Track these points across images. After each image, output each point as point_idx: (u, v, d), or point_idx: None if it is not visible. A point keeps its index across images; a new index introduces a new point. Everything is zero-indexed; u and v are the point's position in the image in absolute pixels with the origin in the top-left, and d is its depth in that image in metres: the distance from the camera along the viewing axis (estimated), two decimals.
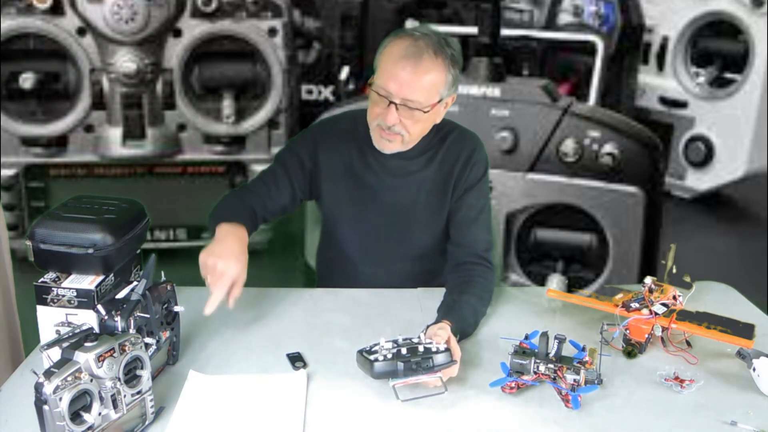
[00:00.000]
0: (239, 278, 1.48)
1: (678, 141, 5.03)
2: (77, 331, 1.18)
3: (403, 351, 1.28)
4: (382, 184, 1.73)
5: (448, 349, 1.31)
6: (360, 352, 1.32)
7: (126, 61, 3.63)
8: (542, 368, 1.30)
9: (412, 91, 1.54)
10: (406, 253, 1.78)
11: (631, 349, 1.46)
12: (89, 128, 3.74)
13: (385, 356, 1.27)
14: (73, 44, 3.60)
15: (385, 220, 1.75)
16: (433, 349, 1.29)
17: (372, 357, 1.28)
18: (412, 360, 1.27)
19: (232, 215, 1.61)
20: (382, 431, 1.24)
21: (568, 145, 3.17)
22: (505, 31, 3.80)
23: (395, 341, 1.31)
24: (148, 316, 1.29)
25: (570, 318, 1.61)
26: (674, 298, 1.54)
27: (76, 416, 1.07)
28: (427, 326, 1.42)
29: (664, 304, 1.49)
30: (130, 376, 1.16)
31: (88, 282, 1.30)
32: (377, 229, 1.75)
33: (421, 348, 1.29)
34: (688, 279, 1.70)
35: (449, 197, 1.73)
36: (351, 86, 4.64)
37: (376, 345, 1.31)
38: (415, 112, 1.57)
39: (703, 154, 4.91)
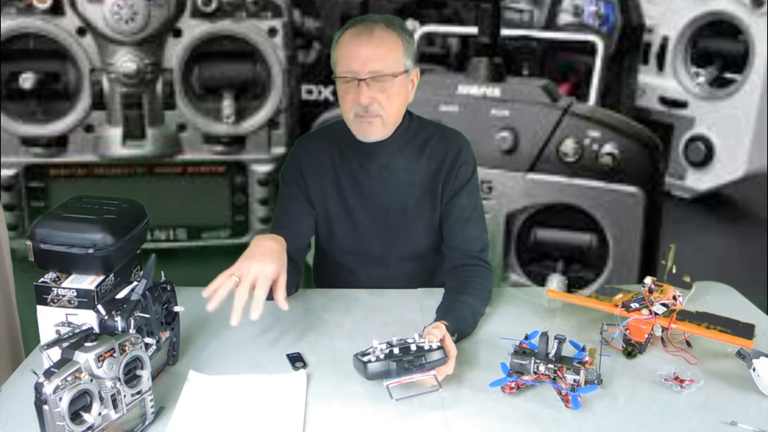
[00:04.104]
0: (279, 278, 1.43)
1: (678, 141, 5.03)
2: (77, 331, 1.18)
3: (396, 351, 1.29)
4: (369, 187, 1.72)
5: (441, 347, 1.31)
6: (355, 355, 1.32)
7: (126, 61, 3.64)
8: (542, 368, 1.30)
9: (375, 61, 1.57)
10: (402, 254, 1.78)
11: (631, 349, 1.46)
12: (89, 128, 3.75)
13: (377, 357, 1.28)
14: (73, 44, 3.61)
15: (378, 224, 1.74)
16: (426, 348, 1.30)
17: (365, 358, 1.28)
18: (405, 359, 1.27)
19: None
20: (382, 431, 1.24)
21: (568, 145, 3.17)
22: (505, 31, 3.80)
23: (389, 342, 1.31)
24: (148, 316, 1.29)
25: (570, 318, 1.61)
26: (674, 298, 1.54)
27: (76, 416, 1.07)
28: (424, 327, 1.43)
29: (664, 304, 1.49)
30: (130, 376, 1.16)
31: (88, 282, 1.30)
32: (371, 233, 1.75)
33: (413, 347, 1.30)
34: (688, 279, 1.70)
35: (439, 198, 1.72)
36: None
37: (371, 348, 1.31)
38: (385, 84, 1.58)
39: (703, 154, 4.91)
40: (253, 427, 1.24)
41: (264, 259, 1.42)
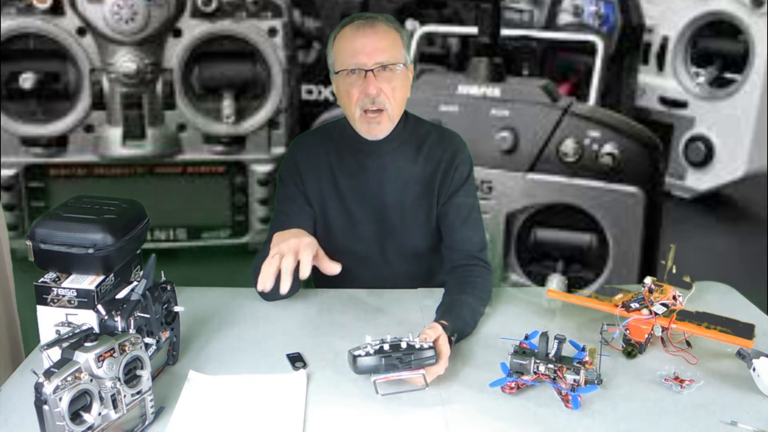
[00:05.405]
0: (318, 250, 1.44)
1: (678, 141, 5.03)
2: (77, 331, 1.18)
3: (386, 347, 1.29)
4: (366, 186, 1.72)
5: (432, 347, 1.32)
6: (349, 351, 1.32)
7: (126, 61, 3.64)
8: (542, 368, 1.30)
9: (381, 52, 1.59)
10: (400, 254, 1.77)
11: (631, 349, 1.46)
12: (89, 128, 3.75)
13: (368, 352, 1.29)
14: (73, 44, 3.61)
15: (375, 223, 1.74)
16: (417, 346, 1.30)
17: (356, 353, 1.29)
18: (394, 356, 1.28)
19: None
20: (382, 431, 1.24)
21: (568, 145, 3.18)
22: (505, 31, 3.81)
23: (382, 339, 1.32)
24: (148, 316, 1.29)
25: (570, 318, 1.61)
26: (674, 298, 1.54)
27: (76, 416, 1.07)
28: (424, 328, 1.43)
29: (664, 304, 1.49)
30: (130, 376, 1.16)
31: (88, 282, 1.30)
32: (369, 233, 1.75)
33: (404, 345, 1.30)
34: (688, 279, 1.70)
35: (435, 198, 1.72)
36: None
37: (364, 344, 1.32)
38: (391, 75, 1.60)
39: (703, 154, 4.91)
40: (253, 427, 1.24)
41: (297, 236, 1.43)
